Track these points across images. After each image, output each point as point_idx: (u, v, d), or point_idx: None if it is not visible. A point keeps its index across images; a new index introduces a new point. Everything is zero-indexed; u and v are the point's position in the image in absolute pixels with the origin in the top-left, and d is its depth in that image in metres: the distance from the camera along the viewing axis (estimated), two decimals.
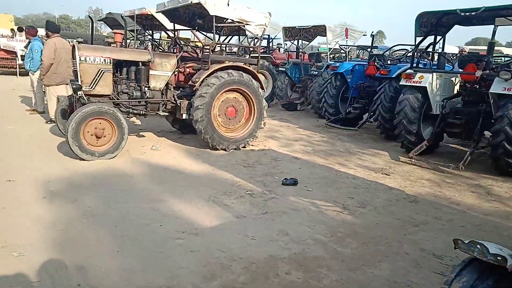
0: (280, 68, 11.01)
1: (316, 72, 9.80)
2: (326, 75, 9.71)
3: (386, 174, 5.41)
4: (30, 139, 6.16)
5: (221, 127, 6.19)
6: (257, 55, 6.60)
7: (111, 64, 5.55)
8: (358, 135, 8.10)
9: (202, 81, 5.83)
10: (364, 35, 10.19)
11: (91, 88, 5.45)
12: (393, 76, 7.23)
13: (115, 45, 10.24)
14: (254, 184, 4.73)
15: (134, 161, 5.35)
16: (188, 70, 6.69)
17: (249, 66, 6.32)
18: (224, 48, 7.67)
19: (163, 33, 11.69)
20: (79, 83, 5.35)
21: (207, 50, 6.58)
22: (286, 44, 11.32)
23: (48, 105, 7.29)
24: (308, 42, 11.60)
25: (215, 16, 5.76)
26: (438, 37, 6.68)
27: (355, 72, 8.47)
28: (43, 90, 8.17)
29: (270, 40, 12.16)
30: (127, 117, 5.81)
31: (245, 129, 6.42)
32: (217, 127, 6.06)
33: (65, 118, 6.15)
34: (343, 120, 8.64)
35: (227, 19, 6.39)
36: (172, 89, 6.21)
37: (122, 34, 6.12)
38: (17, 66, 15.82)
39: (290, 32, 11.03)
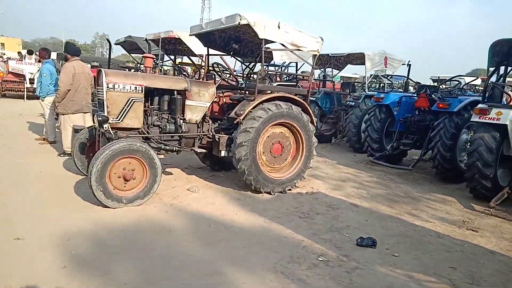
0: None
1: (353, 103, 8.99)
2: (363, 106, 8.93)
3: (473, 231, 4.45)
4: (41, 177, 5.24)
5: (265, 166, 5.29)
6: (308, 84, 5.76)
7: (143, 92, 4.72)
8: (408, 174, 7.17)
9: (247, 114, 4.98)
10: (403, 64, 9.45)
11: (119, 120, 4.59)
12: (455, 110, 6.38)
13: (133, 70, 9.52)
14: (323, 245, 3.77)
15: (168, 209, 4.41)
16: (224, 100, 5.88)
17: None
18: (268, 77, 6.84)
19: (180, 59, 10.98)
20: (105, 114, 4.49)
21: (251, 78, 5.79)
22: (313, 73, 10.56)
23: (62, 135, 6.42)
24: (338, 71, 10.87)
25: (264, 40, 4.97)
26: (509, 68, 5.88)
27: (402, 104, 7.64)
28: (54, 117, 7.35)
29: (298, 68, 11.43)
30: (157, 153, 4.91)
31: (292, 168, 5.51)
32: (261, 167, 5.16)
33: (84, 153, 5.29)
34: (386, 156, 7.74)
35: (271, 43, 5.65)
36: (210, 122, 5.35)
37: (152, 58, 5.33)
38: (25, 89, 15.18)
39: (320, 60, 10.31)
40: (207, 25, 5.47)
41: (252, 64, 7.10)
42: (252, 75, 6.73)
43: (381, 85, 11.31)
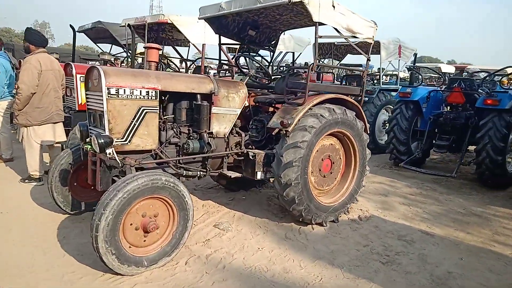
0: None
1: (366, 98, 7.95)
2: (378, 102, 7.96)
3: None
4: (6, 223, 3.67)
5: (314, 189, 4.09)
6: (363, 83, 4.59)
7: (157, 99, 3.31)
8: (445, 181, 6.30)
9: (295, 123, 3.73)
10: (415, 53, 8.58)
11: (125, 140, 3.16)
12: (506, 107, 5.53)
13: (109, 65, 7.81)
14: None
15: (207, 267, 3.08)
16: (247, 103, 4.58)
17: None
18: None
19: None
20: (107, 133, 3.05)
21: (294, 74, 4.53)
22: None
23: (27, 155, 4.76)
24: (338, 61, 9.81)
25: (318, 23, 3.71)
26: None
27: (431, 99, 6.73)
28: (13, 129, 5.65)
29: (295, 59, 10.18)
30: None
31: (344, 189, 4.36)
32: (312, 192, 3.96)
33: (66, 184, 3.79)
34: (414, 160, 6.84)
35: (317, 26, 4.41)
36: (243, 134, 4.03)
37: (158, 49, 3.88)
38: None
39: (321, 49, 9.20)
40: (230, 5, 4.10)
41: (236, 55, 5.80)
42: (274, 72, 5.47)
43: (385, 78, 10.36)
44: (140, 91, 3.19)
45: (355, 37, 4.13)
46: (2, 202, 4.15)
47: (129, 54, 7.68)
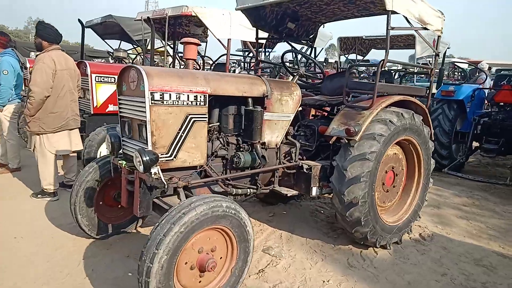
0: None
1: None
2: None
3: None
4: (22, 251, 3.10)
5: (377, 207, 3.54)
6: (430, 81, 4.02)
7: (206, 105, 2.75)
8: (496, 189, 5.77)
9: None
10: (448, 47, 8.01)
11: (170, 156, 2.60)
12: None
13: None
14: None
15: None
16: None
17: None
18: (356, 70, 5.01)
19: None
20: (150, 148, 2.48)
21: (355, 72, 3.97)
22: (341, 58, 8.90)
23: (40, 167, 4.17)
24: (362, 56, 9.23)
25: (390, 12, 3.14)
26: None
27: (475, 98, 6.19)
28: (22, 136, 5.06)
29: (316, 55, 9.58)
30: None
31: (407, 205, 3.80)
32: (378, 211, 3.41)
33: (91, 204, 3.21)
34: (457, 166, 6.31)
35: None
36: (297, 143, 3.47)
37: (198, 44, 3.30)
38: None
39: (345, 44, 8.63)
40: None
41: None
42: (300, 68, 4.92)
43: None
44: (188, 95, 2.62)
45: (425, 28, 3.57)
46: (14, 224, 3.58)
47: (141, 51, 7.10)
